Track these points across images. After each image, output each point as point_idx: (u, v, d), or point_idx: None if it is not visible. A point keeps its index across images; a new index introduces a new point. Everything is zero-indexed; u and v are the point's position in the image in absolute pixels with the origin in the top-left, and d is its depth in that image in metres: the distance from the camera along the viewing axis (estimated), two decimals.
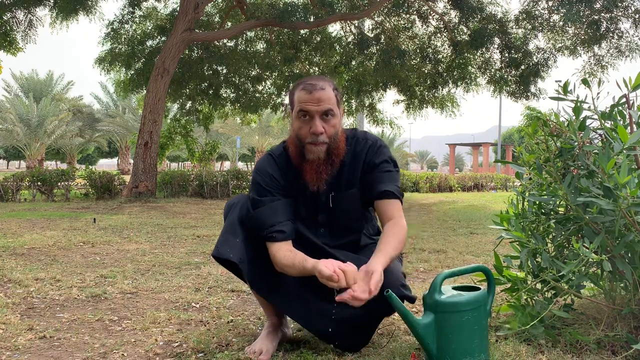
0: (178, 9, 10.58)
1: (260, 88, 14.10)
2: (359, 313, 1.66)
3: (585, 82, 1.77)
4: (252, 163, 52.92)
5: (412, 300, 1.67)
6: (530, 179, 1.93)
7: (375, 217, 1.99)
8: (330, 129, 1.72)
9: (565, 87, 1.80)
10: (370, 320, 1.71)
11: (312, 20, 10.45)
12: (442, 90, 12.77)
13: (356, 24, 12.45)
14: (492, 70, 11.58)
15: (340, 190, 1.78)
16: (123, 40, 12.22)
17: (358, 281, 1.51)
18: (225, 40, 12.72)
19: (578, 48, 10.46)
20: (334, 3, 10.59)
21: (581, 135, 1.74)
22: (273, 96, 14.11)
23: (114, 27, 11.94)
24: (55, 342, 1.87)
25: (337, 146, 1.75)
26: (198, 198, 10.26)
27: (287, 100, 14.97)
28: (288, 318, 1.91)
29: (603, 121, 1.79)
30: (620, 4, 9.25)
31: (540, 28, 10.52)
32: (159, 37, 12.46)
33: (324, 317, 1.71)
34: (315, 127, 1.69)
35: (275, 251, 1.68)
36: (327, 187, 1.76)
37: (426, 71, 12.24)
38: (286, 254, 1.67)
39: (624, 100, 1.82)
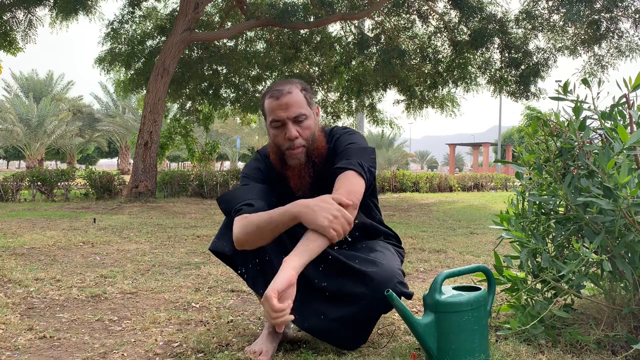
0: (178, 9, 10.59)
1: (260, 88, 14.10)
2: (354, 311, 1.65)
3: (585, 82, 1.77)
4: None
5: (408, 296, 1.65)
6: (530, 179, 1.93)
7: (378, 209, 1.98)
8: (305, 132, 1.72)
9: (565, 87, 1.80)
10: (367, 318, 1.68)
11: (312, 20, 10.45)
12: (442, 90, 12.77)
13: (356, 24, 12.44)
14: (492, 70, 11.57)
15: (321, 192, 1.73)
16: (123, 40, 12.22)
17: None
18: (225, 40, 12.72)
19: (578, 48, 10.46)
20: (334, 3, 10.58)
21: (581, 135, 1.74)
22: None
23: (114, 27, 11.95)
24: (55, 342, 1.87)
25: (317, 146, 1.74)
26: (198, 198, 10.27)
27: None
28: None
29: (603, 121, 1.79)
30: (620, 4, 9.25)
31: (540, 28, 10.51)
32: (159, 37, 12.46)
33: (318, 315, 1.69)
34: (290, 132, 1.69)
35: (238, 221, 1.64)
36: (311, 190, 1.75)
37: (426, 71, 12.24)
38: (249, 218, 1.63)
39: (624, 100, 1.82)
